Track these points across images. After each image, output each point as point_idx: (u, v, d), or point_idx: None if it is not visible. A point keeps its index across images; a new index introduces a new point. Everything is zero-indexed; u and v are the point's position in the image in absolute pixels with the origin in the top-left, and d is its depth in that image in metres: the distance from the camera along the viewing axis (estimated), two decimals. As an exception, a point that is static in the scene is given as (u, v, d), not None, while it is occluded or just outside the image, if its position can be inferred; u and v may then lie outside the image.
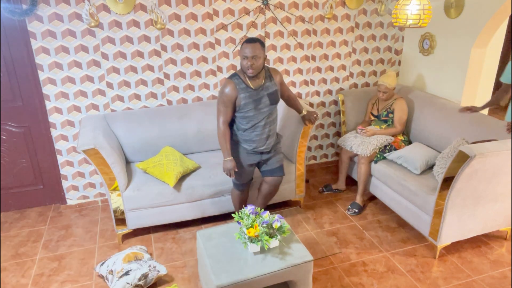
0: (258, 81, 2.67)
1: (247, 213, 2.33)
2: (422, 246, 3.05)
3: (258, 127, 2.72)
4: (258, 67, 2.57)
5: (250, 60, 2.52)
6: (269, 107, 2.71)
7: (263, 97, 2.67)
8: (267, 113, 2.72)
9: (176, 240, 3.17)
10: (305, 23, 3.74)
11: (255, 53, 2.51)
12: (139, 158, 3.39)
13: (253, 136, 2.74)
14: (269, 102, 2.70)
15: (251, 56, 2.52)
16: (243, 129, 2.74)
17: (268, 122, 2.76)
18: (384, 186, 3.33)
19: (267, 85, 2.70)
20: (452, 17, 3.44)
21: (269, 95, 2.70)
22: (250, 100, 2.64)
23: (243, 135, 2.76)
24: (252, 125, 2.71)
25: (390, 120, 3.52)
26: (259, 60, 2.54)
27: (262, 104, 2.67)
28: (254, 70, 2.55)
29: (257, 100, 2.66)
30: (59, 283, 2.74)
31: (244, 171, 2.86)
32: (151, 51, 3.41)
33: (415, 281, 2.70)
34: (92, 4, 3.12)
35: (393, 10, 2.87)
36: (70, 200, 3.66)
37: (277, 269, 2.21)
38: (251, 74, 2.58)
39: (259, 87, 2.67)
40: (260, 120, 2.71)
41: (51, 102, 3.32)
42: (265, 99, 2.68)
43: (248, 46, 2.52)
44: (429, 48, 3.72)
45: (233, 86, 2.61)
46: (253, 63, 2.53)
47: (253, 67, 2.54)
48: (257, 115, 2.68)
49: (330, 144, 4.34)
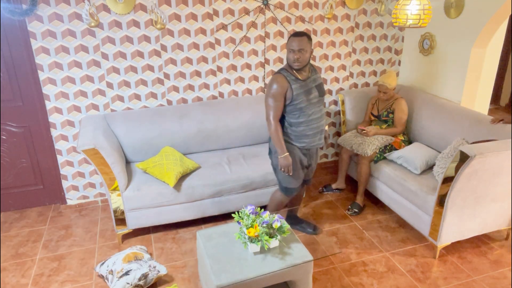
0: (305, 73, 2.65)
1: (247, 213, 2.33)
2: (422, 246, 3.05)
3: (312, 120, 2.67)
4: (305, 61, 2.55)
5: (297, 53, 2.52)
6: (318, 99, 2.69)
7: (312, 88, 2.65)
8: (318, 105, 2.70)
9: (176, 240, 3.17)
10: (305, 23, 3.74)
11: (302, 47, 2.51)
12: (139, 158, 3.39)
13: (307, 130, 2.68)
14: (318, 93, 2.68)
15: (298, 50, 2.51)
16: (296, 123, 2.66)
17: (320, 116, 2.72)
18: (384, 186, 3.33)
19: (314, 77, 2.69)
20: (452, 17, 3.44)
21: (317, 86, 2.69)
22: (302, 91, 2.60)
23: (296, 131, 2.69)
24: (305, 118, 2.65)
25: (390, 121, 3.52)
26: (305, 54, 2.53)
27: (313, 95, 2.65)
28: (300, 63, 2.54)
29: (308, 91, 2.63)
30: (59, 283, 2.75)
31: (298, 174, 2.79)
32: (151, 51, 3.41)
33: (415, 281, 2.70)
34: (92, 4, 3.12)
35: (393, 10, 2.87)
36: (70, 200, 3.66)
37: (277, 269, 2.21)
38: (297, 67, 2.57)
39: (307, 78, 2.65)
40: (312, 112, 2.66)
41: (51, 102, 3.32)
42: (315, 91, 2.66)
43: (295, 40, 2.51)
44: (429, 48, 3.72)
45: (283, 78, 2.58)
46: (299, 57, 2.52)
47: (300, 60, 2.53)
48: (309, 107, 2.64)
49: (330, 144, 4.34)
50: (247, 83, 3.79)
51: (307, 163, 2.82)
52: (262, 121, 3.66)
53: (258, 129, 3.67)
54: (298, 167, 2.77)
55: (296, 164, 2.75)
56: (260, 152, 3.52)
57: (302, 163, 2.79)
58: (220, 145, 3.61)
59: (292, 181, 2.80)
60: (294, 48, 2.52)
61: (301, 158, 2.76)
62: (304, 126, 2.67)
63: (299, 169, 2.78)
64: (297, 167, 2.76)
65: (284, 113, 2.67)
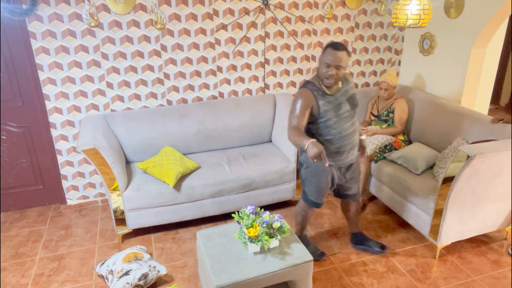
0: (335, 87, 2.43)
1: (247, 213, 2.33)
2: (422, 246, 3.05)
3: (344, 137, 2.44)
4: (339, 78, 2.35)
5: (333, 69, 2.28)
6: (350, 113, 2.46)
7: (342, 102, 2.43)
8: (350, 119, 2.46)
9: (176, 240, 3.17)
10: (305, 23, 3.74)
11: (340, 63, 2.27)
12: (139, 158, 3.39)
13: (339, 148, 2.47)
14: (349, 107, 2.46)
15: (335, 66, 2.27)
16: (327, 141, 2.44)
17: (352, 132, 2.49)
18: (384, 186, 3.33)
19: (345, 90, 2.46)
20: (452, 17, 3.44)
21: (348, 99, 2.46)
22: (330, 107, 2.40)
23: (327, 149, 2.45)
24: (336, 135, 2.43)
25: (391, 120, 3.52)
26: (342, 70, 2.31)
27: (343, 110, 2.43)
28: (334, 80, 2.33)
29: (337, 106, 2.41)
30: (59, 283, 2.74)
31: (325, 189, 2.62)
32: (151, 51, 3.41)
33: (415, 281, 2.70)
34: (92, 4, 3.12)
35: (393, 10, 2.87)
36: (70, 200, 3.66)
37: (277, 269, 2.21)
38: (329, 84, 2.36)
39: (337, 92, 2.44)
40: (343, 128, 2.44)
41: (51, 102, 3.32)
42: (345, 105, 2.44)
43: (334, 54, 2.26)
44: (429, 48, 3.72)
45: (310, 93, 2.37)
46: (335, 74, 2.30)
47: (334, 77, 2.31)
48: (339, 122, 2.42)
49: (330, 144, 4.33)
50: (247, 83, 3.79)
51: (341, 177, 2.63)
52: (262, 121, 3.67)
53: (258, 129, 3.67)
54: (326, 184, 2.59)
55: (324, 179, 2.56)
56: (260, 152, 3.52)
57: (334, 180, 2.61)
58: (220, 145, 3.61)
59: (319, 196, 2.63)
60: (331, 63, 2.27)
61: (333, 175, 2.58)
62: (332, 144, 2.45)
63: (327, 186, 2.60)
64: (324, 183, 2.57)
65: (313, 131, 2.47)
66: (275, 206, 3.53)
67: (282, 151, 3.52)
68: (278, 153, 3.51)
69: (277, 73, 3.85)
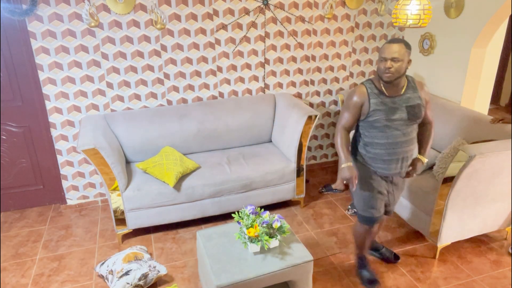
0: (395, 89, 2.24)
1: (247, 213, 2.33)
2: (422, 246, 3.05)
3: (391, 144, 2.27)
4: (398, 72, 2.14)
5: (388, 62, 2.13)
6: (405, 123, 2.24)
7: (399, 108, 2.22)
8: (404, 129, 2.25)
9: (176, 240, 3.17)
10: (305, 23, 3.74)
11: (395, 55, 2.12)
12: (139, 158, 3.39)
13: (383, 154, 2.30)
14: (406, 116, 2.23)
15: (391, 58, 2.12)
16: (371, 144, 2.31)
17: (404, 141, 2.28)
18: (384, 186, 3.33)
19: (408, 97, 2.24)
20: (452, 17, 3.44)
21: (409, 108, 2.23)
22: (382, 108, 2.22)
23: (371, 152, 2.33)
24: (382, 140, 2.28)
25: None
26: (399, 63, 2.13)
27: (397, 116, 2.22)
28: (391, 74, 2.14)
29: (391, 109, 2.22)
30: (59, 283, 2.74)
31: (376, 202, 2.42)
32: (151, 51, 3.41)
33: (415, 281, 2.70)
34: (92, 4, 3.12)
35: (393, 10, 2.87)
36: (70, 200, 3.66)
37: (277, 269, 2.21)
38: (387, 79, 2.17)
39: (397, 96, 2.24)
40: (393, 135, 2.25)
41: (51, 102, 3.32)
42: (402, 112, 2.23)
43: (388, 47, 2.14)
44: (429, 48, 3.72)
45: (363, 90, 2.25)
46: (391, 66, 2.13)
47: (391, 70, 2.13)
48: (389, 128, 2.24)
49: (330, 144, 4.34)
50: (247, 83, 3.79)
51: (387, 190, 2.44)
52: (262, 121, 3.67)
53: (258, 129, 3.67)
54: (375, 194, 2.40)
55: (372, 190, 2.40)
56: (260, 152, 3.52)
57: (381, 190, 2.41)
58: (220, 145, 3.61)
59: (368, 208, 2.44)
60: (386, 56, 2.13)
61: (379, 184, 2.40)
62: (380, 150, 2.29)
63: (377, 197, 2.41)
64: (373, 193, 2.40)
65: (361, 129, 2.36)
66: (275, 206, 3.54)
67: (282, 151, 3.53)
68: (278, 153, 3.51)
69: (277, 73, 3.85)
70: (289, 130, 3.40)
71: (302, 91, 4.00)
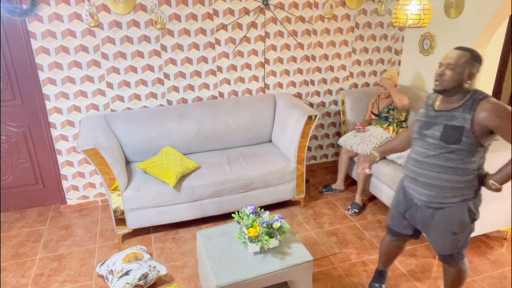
0: (446, 104, 1.96)
1: (247, 213, 2.33)
2: (422, 246, 3.05)
3: (412, 159, 2.07)
4: (448, 81, 1.88)
5: (442, 68, 1.90)
6: (437, 142, 1.95)
7: (437, 124, 1.96)
8: (430, 148, 1.98)
9: (176, 240, 3.17)
10: (305, 23, 3.74)
11: (450, 61, 1.87)
12: (139, 158, 3.39)
13: (406, 165, 2.14)
14: (439, 135, 1.94)
15: (446, 64, 1.89)
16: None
17: (428, 164, 1.99)
18: (384, 186, 3.33)
19: (454, 115, 1.91)
20: (452, 17, 3.44)
21: (446, 127, 1.92)
22: (421, 119, 2.05)
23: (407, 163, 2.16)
24: (410, 151, 2.12)
25: (391, 117, 3.53)
26: (452, 70, 1.87)
27: (430, 132, 1.98)
28: (440, 82, 1.90)
29: (427, 124, 2.00)
30: (59, 283, 2.74)
31: (394, 212, 2.30)
32: (151, 51, 3.41)
33: (415, 281, 2.70)
34: (92, 4, 3.12)
35: (393, 10, 2.87)
36: (70, 200, 3.66)
37: (277, 269, 2.21)
38: (435, 87, 1.93)
39: (444, 110, 1.96)
40: (419, 151, 2.03)
41: (51, 102, 3.32)
42: (436, 129, 1.95)
43: (449, 51, 1.92)
44: (429, 48, 3.72)
45: (425, 99, 2.11)
46: (443, 73, 1.88)
47: (443, 78, 1.88)
48: (418, 142, 2.04)
49: (330, 144, 4.34)
50: (247, 83, 3.79)
51: (404, 207, 2.21)
52: (262, 121, 3.67)
53: (258, 129, 3.67)
54: (394, 203, 2.28)
55: (394, 198, 2.29)
56: (260, 152, 3.52)
57: (399, 204, 2.24)
58: (220, 145, 3.61)
59: (390, 215, 2.33)
60: (442, 60, 1.91)
61: (400, 196, 2.23)
62: (408, 162, 2.12)
63: (394, 207, 2.28)
64: (394, 201, 2.28)
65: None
66: (275, 206, 3.54)
67: (282, 151, 3.53)
68: (278, 153, 3.51)
69: (277, 73, 3.85)
70: (289, 130, 3.40)
71: (302, 91, 4.00)
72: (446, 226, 2.06)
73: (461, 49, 1.90)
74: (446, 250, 2.14)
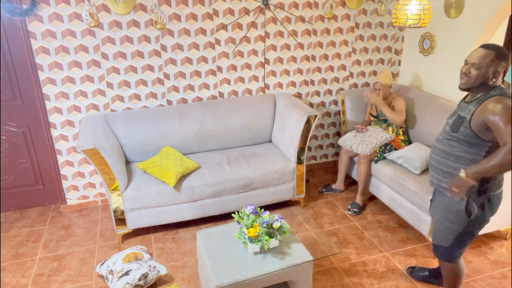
0: (471, 97, 2.04)
1: (247, 213, 2.33)
2: (422, 246, 3.05)
3: (434, 146, 2.17)
4: (473, 80, 1.93)
5: (467, 67, 1.95)
6: (448, 129, 2.08)
7: (456, 114, 2.06)
8: (445, 136, 2.09)
9: (176, 240, 3.17)
10: (305, 23, 3.74)
11: (475, 61, 1.91)
12: (139, 158, 3.39)
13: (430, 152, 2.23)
14: (451, 123, 2.07)
15: (471, 63, 1.93)
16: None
17: (439, 149, 2.12)
18: (384, 186, 3.33)
19: (468, 108, 1.99)
20: (452, 17, 3.44)
21: (457, 117, 2.03)
22: (453, 110, 2.16)
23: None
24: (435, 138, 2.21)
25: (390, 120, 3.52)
26: (478, 70, 1.90)
27: (450, 119, 2.10)
28: (465, 81, 1.96)
29: (451, 115, 2.13)
30: (59, 283, 2.74)
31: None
32: (151, 51, 3.41)
33: (416, 281, 2.70)
34: (92, 4, 3.12)
35: (393, 10, 2.87)
36: (70, 200, 3.66)
37: (277, 269, 2.21)
38: (461, 85, 1.99)
39: (466, 102, 2.05)
40: (437, 137, 2.16)
41: (51, 102, 3.32)
42: (454, 118, 2.06)
43: (475, 50, 1.94)
44: (429, 48, 3.72)
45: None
46: (468, 72, 1.93)
47: (469, 76, 1.93)
48: (443, 129, 2.15)
49: (330, 144, 4.34)
50: (247, 83, 3.79)
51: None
52: (262, 121, 3.67)
53: (258, 129, 3.67)
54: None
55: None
56: (260, 152, 3.52)
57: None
58: (220, 144, 3.61)
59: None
60: (467, 59, 1.95)
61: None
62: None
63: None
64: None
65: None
66: (275, 206, 3.54)
67: (282, 150, 3.53)
68: (278, 153, 3.51)
69: (277, 73, 3.85)
70: (289, 130, 3.40)
71: (302, 91, 4.01)
72: (443, 211, 2.15)
73: (487, 47, 1.91)
74: (439, 239, 2.21)
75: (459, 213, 2.08)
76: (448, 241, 2.17)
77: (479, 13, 3.19)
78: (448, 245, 2.18)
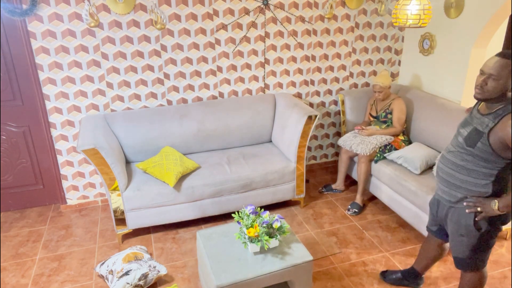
0: (485, 108, 1.92)
1: (247, 213, 2.33)
2: (422, 246, 3.05)
3: (443, 157, 2.08)
4: (490, 92, 1.82)
5: (483, 78, 1.84)
6: (461, 141, 1.97)
7: (470, 125, 1.95)
8: (456, 147, 1.99)
9: (176, 240, 3.17)
10: (305, 23, 3.74)
11: (490, 71, 1.80)
12: (139, 158, 3.39)
13: (438, 165, 2.14)
14: (465, 135, 1.95)
15: (488, 74, 1.81)
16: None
17: (450, 161, 2.02)
18: (384, 186, 3.33)
19: (484, 121, 1.87)
20: (452, 17, 3.44)
21: (472, 130, 1.92)
22: (463, 119, 2.05)
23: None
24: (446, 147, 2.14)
25: (390, 121, 3.52)
26: (495, 81, 1.80)
27: (463, 130, 1.99)
28: (482, 92, 1.85)
29: (465, 122, 2.00)
30: (59, 283, 2.75)
31: (431, 207, 2.31)
32: (151, 51, 3.41)
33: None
34: (92, 4, 3.12)
35: (393, 10, 2.87)
36: (70, 200, 3.66)
37: (277, 269, 2.21)
38: (476, 96, 1.88)
39: (481, 114, 1.93)
40: (449, 150, 2.05)
41: (51, 102, 3.32)
42: (467, 129, 1.95)
43: (491, 58, 1.83)
44: (429, 48, 3.72)
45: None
46: (485, 83, 1.83)
47: (485, 88, 1.83)
48: (453, 139, 2.04)
49: (330, 144, 4.34)
50: (247, 83, 3.79)
51: (435, 213, 2.24)
52: (262, 121, 3.67)
53: (258, 129, 3.67)
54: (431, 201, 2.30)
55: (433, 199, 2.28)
56: (260, 152, 3.52)
57: (432, 203, 2.28)
58: (220, 145, 3.61)
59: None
60: (483, 69, 1.84)
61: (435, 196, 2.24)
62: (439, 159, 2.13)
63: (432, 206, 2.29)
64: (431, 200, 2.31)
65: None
66: (275, 206, 3.54)
67: (282, 150, 3.53)
68: (278, 153, 3.51)
69: (277, 73, 3.85)
70: (289, 130, 3.40)
71: (302, 91, 4.01)
72: (454, 225, 2.09)
73: (503, 56, 1.79)
74: (455, 251, 2.17)
75: (468, 227, 2.03)
76: (464, 253, 2.12)
77: (479, 13, 3.19)
78: (466, 256, 2.13)
